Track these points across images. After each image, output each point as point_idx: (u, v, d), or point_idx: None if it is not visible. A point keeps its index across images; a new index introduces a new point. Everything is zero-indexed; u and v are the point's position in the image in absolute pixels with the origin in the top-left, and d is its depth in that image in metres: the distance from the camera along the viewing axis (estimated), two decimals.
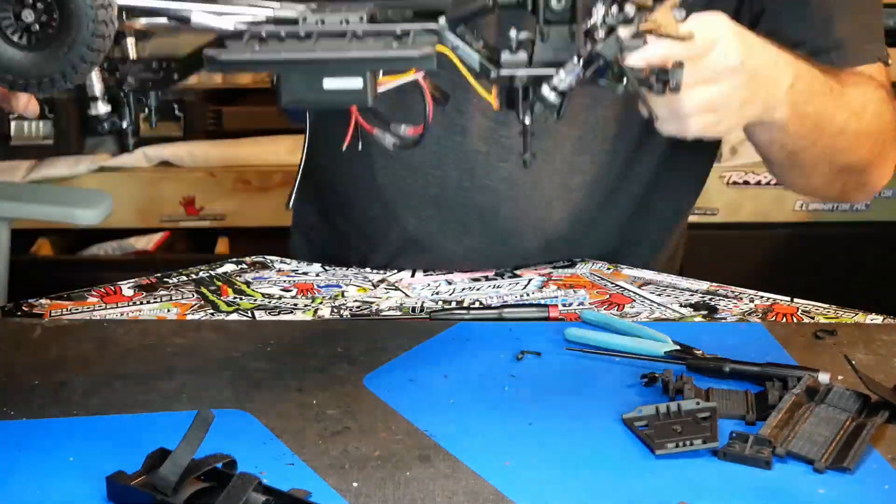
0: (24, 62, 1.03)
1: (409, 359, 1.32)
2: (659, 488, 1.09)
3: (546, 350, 1.34)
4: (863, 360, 1.32)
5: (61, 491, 1.08)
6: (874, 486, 1.10)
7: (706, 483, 1.10)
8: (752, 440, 1.13)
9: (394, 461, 1.12)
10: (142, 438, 1.14)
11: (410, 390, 1.26)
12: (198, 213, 2.99)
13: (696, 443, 1.14)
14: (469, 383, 1.27)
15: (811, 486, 1.09)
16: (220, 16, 1.08)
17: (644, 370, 1.28)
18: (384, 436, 1.17)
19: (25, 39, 1.04)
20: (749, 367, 1.26)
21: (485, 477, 1.10)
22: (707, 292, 1.52)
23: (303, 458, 1.13)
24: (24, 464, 1.12)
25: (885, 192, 2.87)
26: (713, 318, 1.45)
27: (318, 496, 1.05)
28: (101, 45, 1.03)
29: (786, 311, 1.46)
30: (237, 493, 1.01)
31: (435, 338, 1.36)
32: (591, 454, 1.13)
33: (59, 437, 1.16)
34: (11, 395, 1.24)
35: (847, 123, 1.37)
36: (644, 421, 1.18)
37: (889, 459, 1.14)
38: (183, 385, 1.26)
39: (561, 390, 1.26)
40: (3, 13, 1.03)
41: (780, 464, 1.12)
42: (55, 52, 1.03)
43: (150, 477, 1.05)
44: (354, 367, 1.29)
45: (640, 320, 1.42)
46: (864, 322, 1.43)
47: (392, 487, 1.08)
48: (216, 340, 1.35)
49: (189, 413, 1.10)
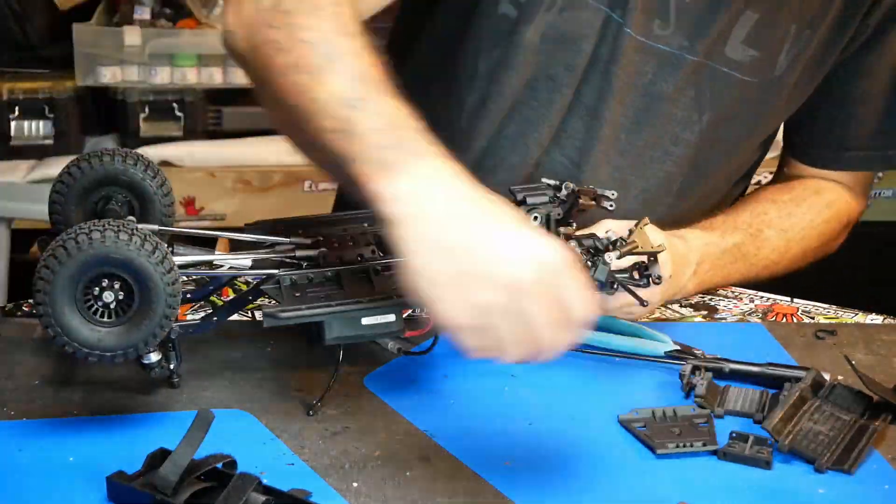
0: (106, 338, 1.12)
1: (409, 359, 1.32)
2: (659, 488, 1.09)
3: None
4: (863, 360, 1.32)
5: (61, 491, 1.08)
6: (874, 486, 1.10)
7: (706, 483, 1.10)
8: (752, 440, 1.13)
9: (394, 461, 1.12)
10: (142, 438, 1.14)
11: (410, 390, 1.26)
12: (198, 213, 2.99)
13: (696, 445, 1.14)
14: (469, 383, 1.27)
15: (811, 486, 1.09)
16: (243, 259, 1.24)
17: (644, 370, 1.28)
18: (384, 436, 1.17)
19: (107, 317, 1.12)
20: (749, 367, 1.27)
21: (485, 477, 1.10)
22: (707, 292, 1.52)
23: (303, 458, 1.13)
24: (24, 464, 1.12)
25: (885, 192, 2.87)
26: (713, 318, 1.45)
27: (318, 496, 1.05)
28: (174, 313, 1.12)
29: (786, 311, 1.46)
30: (237, 493, 1.01)
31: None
32: (591, 454, 1.13)
33: (59, 437, 1.16)
34: (11, 395, 1.24)
35: (767, 262, 1.49)
36: (641, 422, 1.18)
37: (889, 459, 1.14)
38: (183, 385, 1.26)
39: (561, 390, 1.26)
40: (86, 296, 1.11)
41: (780, 464, 1.12)
42: (137, 325, 1.11)
43: (150, 477, 1.05)
44: (354, 367, 1.29)
45: (640, 320, 1.42)
46: (864, 322, 1.43)
47: (392, 487, 1.08)
48: (216, 340, 1.35)
49: (189, 413, 1.10)
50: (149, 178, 1.30)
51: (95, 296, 1.11)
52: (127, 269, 1.10)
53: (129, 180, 1.30)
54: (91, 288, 1.11)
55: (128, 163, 1.30)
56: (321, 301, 1.15)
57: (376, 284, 1.18)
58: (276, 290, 1.19)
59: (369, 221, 1.29)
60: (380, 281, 1.19)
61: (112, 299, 1.11)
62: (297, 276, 1.20)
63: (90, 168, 1.29)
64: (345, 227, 1.29)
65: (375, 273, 1.20)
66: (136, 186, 1.30)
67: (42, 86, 2.89)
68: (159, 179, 1.31)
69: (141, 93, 2.91)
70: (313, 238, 1.26)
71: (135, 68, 2.88)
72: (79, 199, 1.30)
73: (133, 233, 1.10)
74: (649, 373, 1.30)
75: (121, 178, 1.30)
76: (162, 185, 1.31)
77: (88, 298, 1.11)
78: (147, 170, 1.30)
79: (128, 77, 2.89)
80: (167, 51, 2.88)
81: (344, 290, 1.17)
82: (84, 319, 1.11)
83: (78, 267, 1.09)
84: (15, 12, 2.90)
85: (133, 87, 2.91)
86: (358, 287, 1.18)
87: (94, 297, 1.11)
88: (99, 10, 2.93)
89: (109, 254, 1.09)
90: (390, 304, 1.15)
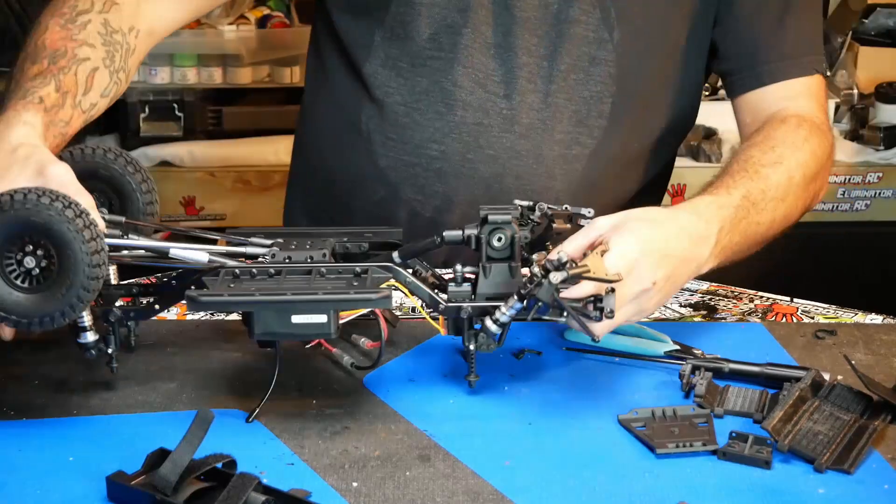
0: (26, 303, 1.12)
1: (409, 359, 1.32)
2: (659, 488, 1.09)
3: (546, 350, 1.34)
4: (863, 360, 1.32)
5: (61, 491, 1.08)
6: (874, 486, 1.10)
7: (706, 483, 1.10)
8: (751, 440, 1.13)
9: (394, 461, 1.12)
10: (142, 438, 1.14)
11: (410, 390, 1.26)
12: (198, 213, 2.99)
13: (695, 444, 1.14)
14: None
15: (811, 486, 1.09)
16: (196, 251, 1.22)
17: (644, 370, 1.28)
18: (384, 436, 1.17)
19: (27, 283, 1.12)
20: (749, 367, 1.27)
21: (485, 477, 1.10)
22: (707, 292, 1.52)
23: (303, 458, 1.13)
24: (24, 464, 1.12)
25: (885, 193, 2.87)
26: (713, 318, 1.45)
27: (318, 496, 1.05)
28: (96, 286, 1.12)
29: (786, 311, 1.46)
30: (237, 493, 1.01)
31: (435, 338, 1.36)
32: (590, 454, 1.13)
33: (59, 437, 1.16)
34: (11, 395, 1.24)
35: (775, 213, 1.45)
36: (641, 422, 1.18)
37: (889, 459, 1.14)
38: (183, 385, 1.26)
39: (561, 390, 1.26)
40: (6, 260, 1.12)
41: (779, 464, 1.12)
42: (54, 294, 1.12)
43: (150, 477, 1.05)
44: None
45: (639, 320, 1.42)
46: (864, 322, 1.43)
47: (392, 487, 1.08)
48: (216, 340, 1.35)
49: (189, 413, 1.10)
50: (129, 175, 1.30)
51: (18, 260, 1.12)
52: (46, 235, 1.10)
53: (108, 175, 1.30)
54: (14, 252, 1.12)
55: (108, 157, 1.30)
56: (250, 293, 1.14)
57: (313, 285, 1.17)
58: (214, 280, 1.18)
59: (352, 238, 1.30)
60: (319, 283, 1.18)
61: (34, 265, 1.12)
62: (241, 269, 1.19)
63: (72, 160, 1.29)
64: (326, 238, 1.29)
65: (319, 275, 1.19)
66: (116, 182, 1.30)
67: None
68: (140, 177, 1.31)
69: (141, 93, 2.91)
70: (273, 239, 1.26)
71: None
72: None
73: (56, 199, 1.10)
74: (649, 373, 1.30)
75: (101, 173, 1.30)
76: (143, 183, 1.31)
77: (11, 262, 1.12)
78: (128, 166, 1.30)
79: None
80: (167, 51, 2.88)
81: (279, 287, 1.16)
82: (3, 282, 1.12)
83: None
84: (15, 12, 2.90)
85: (133, 87, 2.91)
86: (294, 286, 1.17)
87: (16, 262, 1.12)
88: None
89: (30, 217, 1.10)
90: (321, 303, 1.13)
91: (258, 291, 1.15)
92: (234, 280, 1.18)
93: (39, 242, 1.11)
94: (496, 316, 1.20)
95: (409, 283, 1.21)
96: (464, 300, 1.23)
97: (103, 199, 1.31)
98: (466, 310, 1.21)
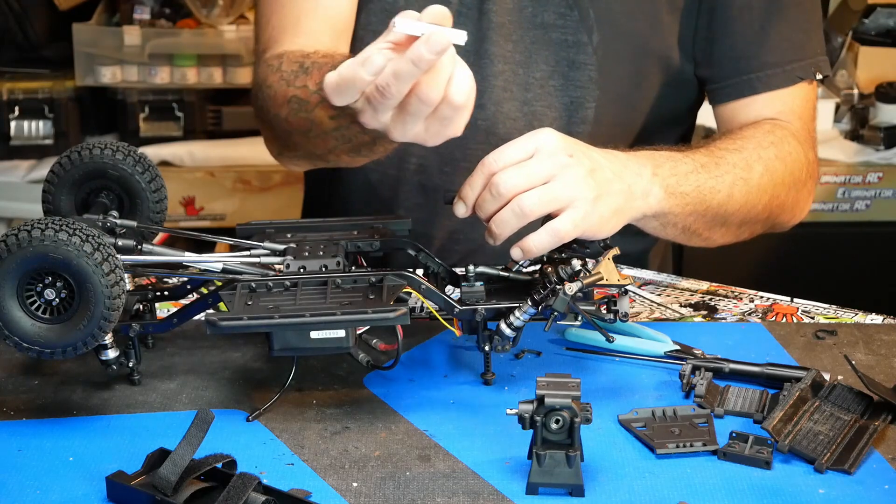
0: (48, 334, 1.14)
1: (409, 359, 1.32)
2: (659, 488, 1.09)
3: (546, 350, 1.34)
4: (863, 360, 1.32)
5: (61, 491, 1.08)
6: (874, 486, 1.10)
7: (706, 483, 1.10)
8: (751, 440, 1.13)
9: (394, 461, 1.12)
10: (142, 438, 1.14)
11: (410, 390, 1.26)
12: (198, 213, 2.99)
13: (696, 444, 1.14)
14: (469, 383, 1.27)
15: (811, 486, 1.09)
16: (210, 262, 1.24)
17: (644, 370, 1.28)
18: (384, 436, 1.17)
19: (49, 314, 1.14)
20: (749, 367, 1.27)
21: (485, 477, 1.10)
22: (707, 292, 1.52)
23: (303, 458, 1.13)
24: (24, 464, 1.12)
25: (885, 193, 2.87)
26: (713, 318, 1.45)
27: (318, 496, 1.05)
28: (116, 315, 1.13)
29: (786, 311, 1.46)
30: (237, 493, 1.01)
31: (435, 338, 1.36)
32: (591, 454, 1.13)
33: (59, 437, 1.16)
34: (11, 395, 1.24)
35: (733, 188, 1.44)
36: (641, 422, 1.18)
37: (889, 459, 1.14)
38: (183, 385, 1.26)
39: None
40: (27, 292, 1.13)
41: (779, 464, 1.12)
42: (76, 325, 1.13)
43: (150, 477, 1.05)
44: (354, 366, 1.29)
45: (640, 320, 1.42)
46: (864, 322, 1.43)
47: (392, 487, 1.08)
48: (216, 340, 1.35)
49: (189, 413, 1.10)
50: (138, 174, 1.30)
51: (38, 292, 1.13)
52: (66, 269, 1.12)
53: (118, 175, 1.30)
54: (34, 284, 1.13)
55: (117, 157, 1.29)
56: (268, 312, 1.15)
57: (330, 299, 1.17)
58: (232, 296, 1.18)
59: (359, 229, 1.30)
60: (335, 295, 1.18)
61: (54, 297, 1.13)
62: (257, 283, 1.19)
63: (80, 160, 1.29)
64: (332, 233, 1.29)
65: (335, 286, 1.19)
66: (125, 181, 1.30)
67: (42, 86, 2.89)
68: (149, 175, 1.30)
69: (141, 93, 2.91)
70: (286, 244, 1.26)
71: (134, 68, 2.88)
72: (69, 190, 1.30)
73: (73, 233, 1.11)
74: (649, 373, 1.30)
75: (110, 172, 1.30)
76: (152, 182, 1.31)
77: (31, 294, 1.13)
78: (137, 165, 1.30)
79: (127, 77, 2.89)
80: (167, 51, 2.88)
81: (296, 302, 1.16)
82: (25, 314, 1.13)
83: (17, 263, 1.11)
84: (15, 12, 2.90)
85: (133, 87, 2.91)
86: (311, 300, 1.17)
87: (36, 294, 1.13)
88: (98, 10, 2.94)
89: (48, 253, 1.11)
90: (339, 320, 1.14)
91: (276, 312, 1.14)
92: (250, 295, 1.18)
93: (59, 276, 1.12)
94: (510, 320, 1.21)
95: (424, 290, 1.21)
96: (477, 301, 1.23)
97: (113, 199, 1.30)
98: (481, 313, 1.22)
